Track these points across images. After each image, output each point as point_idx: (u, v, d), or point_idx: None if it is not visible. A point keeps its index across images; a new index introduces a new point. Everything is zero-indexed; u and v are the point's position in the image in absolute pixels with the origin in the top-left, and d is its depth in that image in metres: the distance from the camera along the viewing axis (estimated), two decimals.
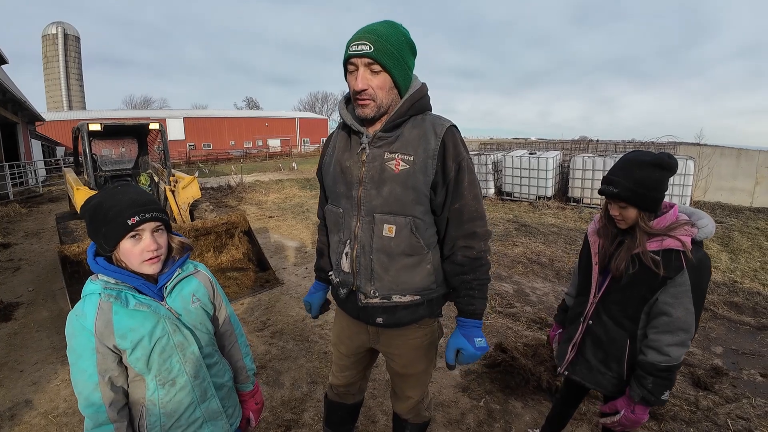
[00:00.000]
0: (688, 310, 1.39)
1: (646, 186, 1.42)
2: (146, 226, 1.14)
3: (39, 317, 4.18)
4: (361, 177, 1.41)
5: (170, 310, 1.21)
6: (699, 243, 1.42)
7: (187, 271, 1.30)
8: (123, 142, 7.03)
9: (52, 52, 52.87)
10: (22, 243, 7.35)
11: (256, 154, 41.12)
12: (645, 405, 1.48)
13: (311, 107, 69.65)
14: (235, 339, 1.47)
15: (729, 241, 7.05)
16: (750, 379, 3.06)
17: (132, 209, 1.11)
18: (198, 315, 1.29)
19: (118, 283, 1.15)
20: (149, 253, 1.15)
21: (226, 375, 1.38)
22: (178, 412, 1.23)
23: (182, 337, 1.23)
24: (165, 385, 1.21)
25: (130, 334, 1.13)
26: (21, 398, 2.86)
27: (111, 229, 1.11)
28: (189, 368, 1.24)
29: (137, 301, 1.15)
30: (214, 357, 1.35)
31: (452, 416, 2.63)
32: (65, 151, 28.97)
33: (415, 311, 1.49)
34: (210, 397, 1.30)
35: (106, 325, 1.12)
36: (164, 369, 1.20)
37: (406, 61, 1.33)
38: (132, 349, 1.14)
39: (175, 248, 1.27)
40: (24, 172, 16.43)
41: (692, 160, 9.11)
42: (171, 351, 1.21)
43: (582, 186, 10.58)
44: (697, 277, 1.38)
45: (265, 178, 18.42)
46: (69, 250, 3.95)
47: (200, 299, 1.30)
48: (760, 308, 4.28)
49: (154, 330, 1.17)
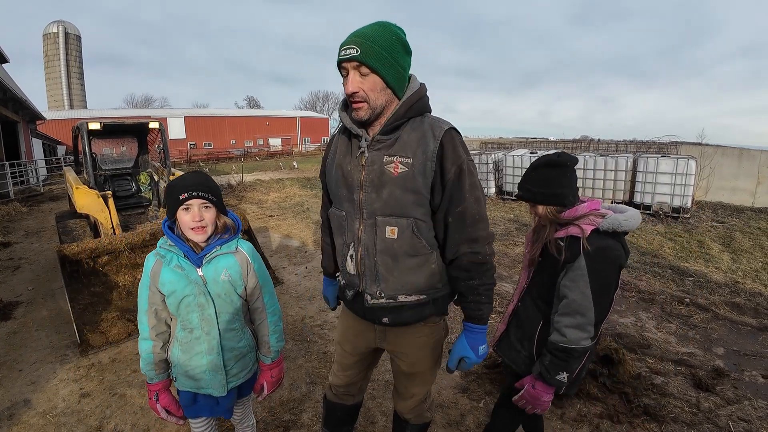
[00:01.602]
0: (584, 294, 1.46)
1: (542, 184, 1.61)
2: (194, 201, 1.45)
3: (38, 316, 4.17)
4: (362, 180, 1.41)
5: (201, 277, 1.51)
6: (611, 234, 1.51)
7: (227, 249, 1.56)
8: (123, 141, 7.02)
9: (53, 50, 52.85)
10: (23, 242, 7.35)
11: (256, 153, 41.14)
12: (543, 382, 1.55)
13: (312, 106, 69.62)
14: (264, 317, 1.68)
15: (730, 242, 7.03)
16: (751, 380, 3.04)
17: (185, 188, 1.44)
18: (224, 287, 1.54)
19: (172, 246, 1.51)
20: (194, 223, 1.46)
21: (241, 342, 1.63)
22: (189, 353, 1.56)
23: (204, 300, 1.52)
24: (185, 330, 1.55)
25: (167, 285, 1.49)
26: (20, 398, 2.86)
27: (171, 201, 1.46)
28: (204, 325, 1.54)
29: (177, 263, 1.50)
30: (234, 324, 1.60)
31: (452, 417, 2.62)
32: (66, 150, 28.97)
33: (422, 310, 1.49)
34: (215, 353, 1.56)
35: (156, 273, 1.50)
36: (186, 318, 1.53)
37: (397, 60, 1.32)
38: (167, 295, 1.50)
39: (219, 226, 1.55)
40: (25, 170, 16.43)
41: (694, 159, 9.07)
42: (193, 307, 1.52)
43: (583, 185, 10.54)
44: (595, 264, 1.46)
45: (266, 177, 18.42)
46: (68, 250, 3.94)
47: (231, 275, 1.55)
48: (761, 309, 4.26)
49: (184, 288, 1.49)
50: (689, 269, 5.63)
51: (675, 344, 3.57)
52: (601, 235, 1.51)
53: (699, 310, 4.22)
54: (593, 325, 1.49)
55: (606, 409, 2.63)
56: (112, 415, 2.67)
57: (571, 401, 2.70)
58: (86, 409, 2.73)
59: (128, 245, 4.31)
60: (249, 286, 1.63)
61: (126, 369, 3.18)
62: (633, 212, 1.56)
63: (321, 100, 69.66)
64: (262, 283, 1.67)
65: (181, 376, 1.61)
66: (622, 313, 4.23)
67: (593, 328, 1.49)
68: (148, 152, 7.03)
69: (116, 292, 4.25)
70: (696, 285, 5.01)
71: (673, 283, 5.06)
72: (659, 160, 9.29)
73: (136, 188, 6.67)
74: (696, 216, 9.17)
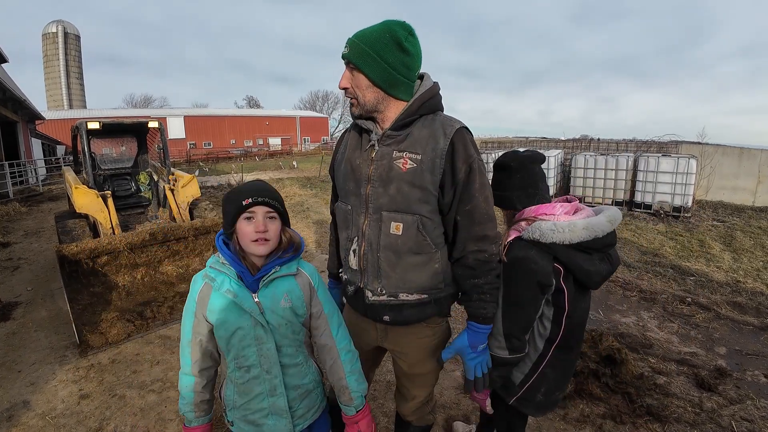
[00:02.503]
0: (498, 302, 1.44)
1: (494, 187, 1.57)
2: (258, 209, 1.26)
3: (38, 317, 4.15)
4: (370, 175, 1.41)
5: (258, 304, 1.28)
6: (535, 243, 1.41)
7: (288, 271, 1.34)
8: (122, 141, 7.01)
9: (53, 50, 52.83)
10: (22, 242, 7.33)
11: (256, 152, 41.09)
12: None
13: (312, 106, 69.54)
14: (336, 355, 1.41)
15: (731, 241, 7.02)
16: (754, 380, 3.03)
17: (249, 194, 1.26)
18: (285, 315, 1.32)
19: (224, 265, 1.29)
20: (257, 234, 1.25)
21: (306, 377, 1.41)
22: (248, 396, 1.34)
23: (262, 332, 1.29)
24: (241, 369, 1.31)
25: (217, 313, 1.27)
26: (19, 399, 2.84)
27: (231, 208, 1.27)
28: (263, 362, 1.31)
29: (228, 288, 1.27)
30: (298, 358, 1.38)
31: (453, 418, 2.60)
32: (65, 149, 28.95)
33: (423, 310, 1.48)
34: (279, 394, 1.34)
35: (204, 297, 1.29)
36: (241, 355, 1.30)
37: (384, 58, 1.30)
38: (216, 326, 1.28)
39: (284, 241, 1.34)
40: (24, 170, 16.42)
41: (694, 159, 9.07)
42: (249, 341, 1.29)
43: (584, 185, 10.55)
44: (508, 274, 1.42)
45: (266, 177, 18.39)
46: (67, 250, 3.92)
47: (292, 301, 1.33)
48: (763, 308, 4.25)
49: (237, 319, 1.27)
50: (690, 268, 5.62)
51: (677, 344, 3.56)
52: (523, 244, 1.43)
53: (701, 309, 4.21)
54: (503, 336, 1.45)
55: (609, 410, 2.62)
56: (112, 416, 2.65)
57: (574, 402, 2.69)
58: (86, 411, 2.71)
59: (128, 245, 4.30)
60: (313, 316, 1.41)
61: (126, 370, 3.17)
62: (581, 223, 1.39)
63: (321, 100, 69.60)
64: (328, 313, 1.43)
65: (239, 422, 1.38)
66: (624, 312, 4.22)
67: (504, 339, 1.45)
68: (147, 152, 7.01)
69: (116, 293, 4.24)
70: (697, 284, 5.00)
71: (674, 283, 5.05)
72: (660, 159, 9.29)
73: (135, 188, 6.66)
74: (697, 215, 9.17)
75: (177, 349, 3.44)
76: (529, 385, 1.56)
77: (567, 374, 1.62)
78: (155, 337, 3.65)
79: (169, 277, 4.68)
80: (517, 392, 1.59)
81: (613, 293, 4.71)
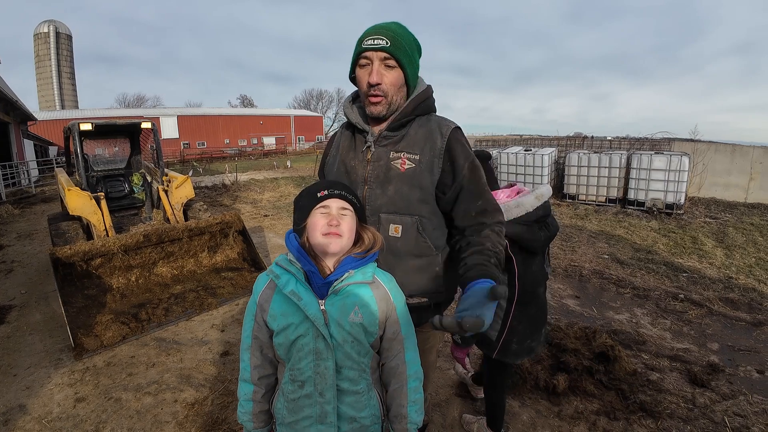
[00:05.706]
0: None
1: None
2: (332, 202, 1.18)
3: (32, 320, 4.13)
4: (366, 176, 1.40)
5: (323, 312, 1.13)
6: None
7: (363, 278, 1.17)
8: (115, 142, 6.97)
9: (44, 51, 52.24)
10: (15, 244, 7.27)
11: (250, 152, 40.92)
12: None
13: (306, 105, 69.28)
14: (404, 381, 1.24)
15: (724, 237, 7.09)
16: (747, 375, 3.06)
17: (326, 186, 1.20)
18: (352, 332, 1.14)
19: (293, 263, 1.18)
20: (329, 227, 1.15)
21: (365, 410, 1.21)
22: (296, 414, 1.19)
23: (323, 347, 1.13)
24: (294, 382, 1.18)
25: (279, 318, 1.16)
26: (14, 403, 2.82)
27: (306, 202, 1.20)
28: (318, 381, 1.15)
29: (293, 289, 1.14)
30: (359, 385, 1.19)
31: (449, 417, 2.62)
32: (58, 150, 28.67)
33: (421, 315, 1.45)
34: (329, 423, 1.16)
35: (266, 300, 1.19)
36: (297, 367, 1.16)
37: (415, 60, 1.34)
38: (277, 332, 1.17)
39: (366, 240, 1.23)
40: (16, 172, 16.23)
41: (687, 156, 9.13)
42: (307, 354, 1.14)
43: (578, 183, 10.59)
44: None
45: (260, 177, 18.35)
46: (61, 252, 3.90)
47: (363, 316, 1.15)
48: (755, 304, 4.30)
49: (299, 325, 1.14)
50: (683, 265, 5.67)
51: (670, 340, 3.59)
52: None
53: (693, 305, 4.25)
54: None
55: (603, 406, 2.65)
56: (108, 419, 2.65)
57: (568, 398, 2.71)
58: (81, 414, 2.70)
59: (121, 247, 4.28)
60: (387, 336, 1.22)
61: (121, 373, 3.16)
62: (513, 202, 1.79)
63: (315, 99, 69.33)
64: (405, 335, 1.24)
65: None
66: (617, 309, 4.25)
67: None
68: (140, 153, 6.98)
69: (110, 295, 4.22)
70: (690, 281, 5.04)
71: (667, 279, 5.09)
72: (653, 156, 9.34)
73: (128, 189, 6.62)
74: (689, 212, 9.24)
75: (172, 351, 3.44)
76: (504, 338, 1.97)
77: (534, 325, 2.02)
78: (150, 339, 3.64)
79: (163, 279, 4.66)
80: (496, 346, 2.00)
81: (606, 290, 4.74)
